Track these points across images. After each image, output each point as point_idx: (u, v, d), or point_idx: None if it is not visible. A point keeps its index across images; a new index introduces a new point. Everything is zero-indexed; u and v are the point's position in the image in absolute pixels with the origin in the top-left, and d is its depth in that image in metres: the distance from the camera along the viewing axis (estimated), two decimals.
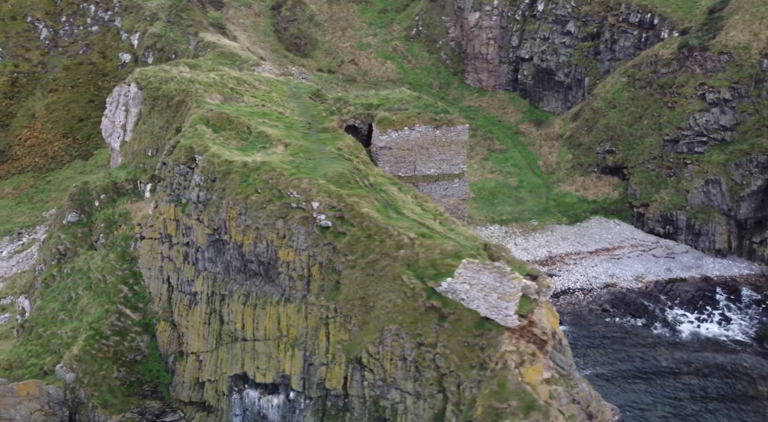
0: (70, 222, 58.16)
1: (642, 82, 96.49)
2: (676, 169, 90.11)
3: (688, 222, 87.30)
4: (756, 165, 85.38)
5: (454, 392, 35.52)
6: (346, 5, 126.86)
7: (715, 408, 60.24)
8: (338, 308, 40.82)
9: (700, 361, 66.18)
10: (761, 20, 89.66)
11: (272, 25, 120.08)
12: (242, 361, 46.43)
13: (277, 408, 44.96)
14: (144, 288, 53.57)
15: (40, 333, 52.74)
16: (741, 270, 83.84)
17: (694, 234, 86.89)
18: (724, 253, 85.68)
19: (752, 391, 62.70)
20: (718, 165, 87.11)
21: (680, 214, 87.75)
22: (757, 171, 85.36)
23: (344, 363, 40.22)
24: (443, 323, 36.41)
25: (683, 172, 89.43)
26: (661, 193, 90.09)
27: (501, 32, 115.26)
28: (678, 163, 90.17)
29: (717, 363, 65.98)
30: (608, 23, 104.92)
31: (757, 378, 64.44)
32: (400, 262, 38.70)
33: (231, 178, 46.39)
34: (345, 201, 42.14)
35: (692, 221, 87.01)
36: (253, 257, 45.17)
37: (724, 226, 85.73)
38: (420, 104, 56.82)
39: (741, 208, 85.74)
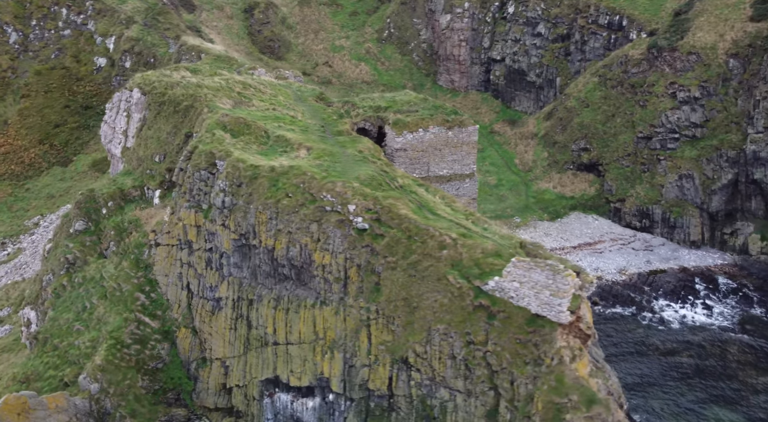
0: (77, 230, 56.48)
1: (613, 82, 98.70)
2: (650, 165, 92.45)
3: (664, 216, 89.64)
4: (726, 160, 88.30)
5: (507, 389, 35.80)
6: (317, 8, 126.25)
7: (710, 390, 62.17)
8: (380, 309, 40.70)
9: (692, 348, 68.21)
10: (725, 22, 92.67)
11: (245, 27, 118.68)
12: (274, 365, 45.87)
13: (313, 411, 44.59)
14: (161, 295, 52.41)
15: (56, 344, 51.11)
16: (715, 260, 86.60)
17: (670, 227, 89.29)
18: (698, 245, 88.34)
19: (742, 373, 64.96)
20: (691, 160, 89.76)
21: (656, 208, 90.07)
22: (727, 165, 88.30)
23: (389, 364, 40.13)
24: (492, 321, 36.66)
25: (657, 168, 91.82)
26: (637, 188, 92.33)
27: (472, 34, 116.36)
28: (651, 159, 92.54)
29: (707, 349, 68.14)
30: (578, 25, 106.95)
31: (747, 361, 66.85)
32: (443, 263, 38.80)
33: (259, 182, 45.75)
34: (381, 203, 42.02)
35: (667, 214, 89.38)
36: (285, 261, 44.67)
37: (698, 219, 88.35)
38: (428, 106, 57.01)
39: (713, 201, 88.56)
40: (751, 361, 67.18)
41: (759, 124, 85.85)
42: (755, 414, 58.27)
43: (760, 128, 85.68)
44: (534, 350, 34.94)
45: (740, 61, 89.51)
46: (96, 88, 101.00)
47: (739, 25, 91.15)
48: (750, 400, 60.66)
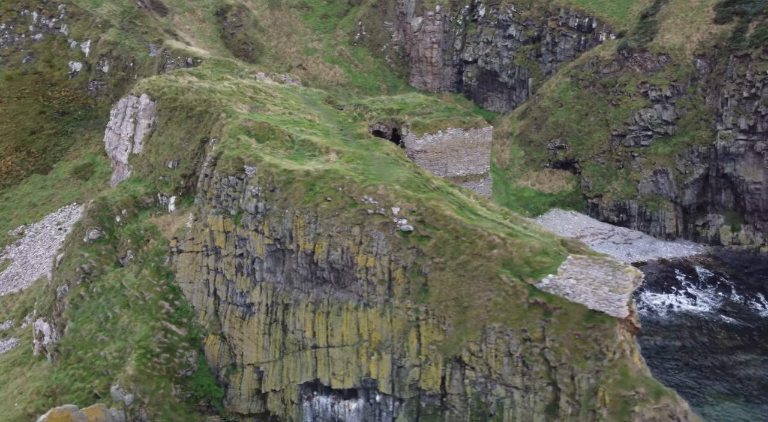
0: (91, 239, 54.61)
1: (585, 82, 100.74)
2: (625, 162, 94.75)
3: (640, 210, 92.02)
4: (697, 155, 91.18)
5: (567, 383, 36.26)
6: (288, 11, 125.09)
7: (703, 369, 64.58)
8: (429, 310, 40.67)
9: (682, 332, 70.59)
10: (691, 24, 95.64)
11: (218, 30, 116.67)
12: (313, 369, 45.35)
13: (357, 413, 44.27)
14: (185, 302, 51.19)
15: (81, 356, 49.37)
16: (689, 251, 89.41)
17: (646, 220, 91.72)
18: (674, 237, 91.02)
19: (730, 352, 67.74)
20: (664, 156, 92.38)
21: (632, 203, 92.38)
22: (698, 161, 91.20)
23: (441, 363, 40.15)
24: (549, 318, 37.06)
25: (632, 164, 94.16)
26: (613, 184, 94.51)
27: (444, 36, 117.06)
28: (626, 156, 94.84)
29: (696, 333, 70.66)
30: (548, 27, 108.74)
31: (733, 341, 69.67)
32: (494, 262, 39.01)
33: (294, 187, 45.13)
34: (425, 205, 41.98)
35: (643, 209, 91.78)
36: (325, 265, 44.18)
37: (672, 212, 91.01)
38: (441, 108, 57.19)
39: (685, 195, 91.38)
40: (737, 341, 70.06)
41: (728, 121, 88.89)
42: (743, 386, 61.29)
43: (729, 125, 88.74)
44: (594, 345, 35.47)
45: (707, 61, 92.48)
46: (72, 94, 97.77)
47: (704, 27, 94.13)
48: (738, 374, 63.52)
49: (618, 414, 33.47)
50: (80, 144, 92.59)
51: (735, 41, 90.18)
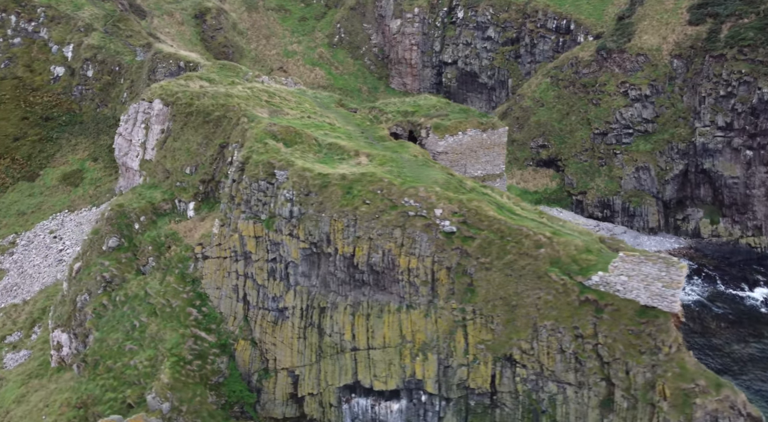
0: (111, 247, 52.99)
1: (565, 82, 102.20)
2: (607, 159, 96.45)
3: (623, 206, 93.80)
4: (677, 152, 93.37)
5: (622, 378, 36.68)
6: (266, 13, 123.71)
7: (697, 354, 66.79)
8: (477, 309, 40.64)
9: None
10: (666, 25, 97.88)
11: (197, 33, 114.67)
12: (353, 371, 44.89)
13: (399, 413, 44.00)
14: (212, 308, 50.10)
15: (109, 365, 47.87)
16: (672, 244, 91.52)
17: (629, 215, 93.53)
18: (656, 231, 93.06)
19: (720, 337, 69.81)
20: (646, 153, 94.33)
21: (616, 199, 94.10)
22: (678, 157, 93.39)
23: (491, 362, 40.18)
24: (600, 315, 37.44)
25: (614, 161, 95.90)
26: (596, 181, 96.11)
27: (423, 38, 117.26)
28: (608, 154, 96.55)
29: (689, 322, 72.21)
30: (527, 29, 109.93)
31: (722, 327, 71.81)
32: (541, 261, 39.21)
33: (331, 190, 44.57)
34: (467, 206, 41.92)
35: (627, 204, 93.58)
36: (365, 267, 43.77)
37: (655, 207, 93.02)
38: (455, 109, 57.22)
39: (666, 190, 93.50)
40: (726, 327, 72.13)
41: (706, 119, 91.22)
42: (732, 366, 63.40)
43: (707, 122, 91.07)
44: (649, 340, 35.95)
45: (683, 61, 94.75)
46: (55, 99, 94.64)
47: (679, 29, 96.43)
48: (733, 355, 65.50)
49: (680, 407, 34.01)
50: (67, 150, 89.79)
51: (710, 42, 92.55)
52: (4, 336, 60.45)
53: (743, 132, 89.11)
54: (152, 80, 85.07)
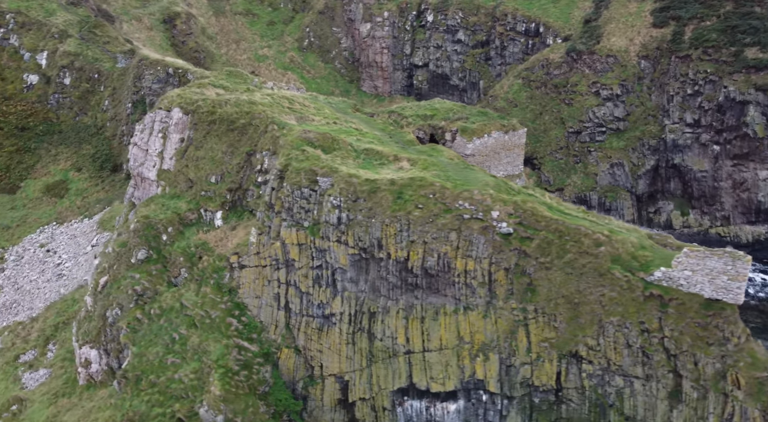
0: (140, 260, 50.79)
1: (537, 83, 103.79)
2: (582, 156, 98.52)
3: (600, 201, 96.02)
4: (648, 148, 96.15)
5: (691, 370, 37.42)
6: (233, 17, 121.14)
7: None
8: (539, 308, 40.76)
9: None
10: (632, 28, 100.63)
11: (167, 38, 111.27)
12: (407, 374, 44.38)
13: (457, 414, 43.74)
14: (252, 318, 48.68)
15: (153, 380, 45.85)
16: None
17: (606, 210, 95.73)
18: (631, 224, 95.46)
19: None
20: (619, 150, 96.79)
21: (592, 194, 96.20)
22: (649, 153, 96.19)
23: (556, 359, 40.38)
24: (666, 309, 38.10)
25: (588, 159, 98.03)
26: (573, 177, 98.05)
27: (393, 41, 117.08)
28: (583, 151, 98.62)
29: None
30: (497, 32, 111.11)
31: None
32: (602, 259, 39.62)
33: (380, 196, 43.88)
34: (522, 207, 41.96)
35: (603, 199, 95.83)
36: (419, 271, 43.31)
37: (629, 201, 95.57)
38: (474, 112, 57.30)
39: (639, 185, 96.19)
40: None
41: (674, 116, 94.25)
42: None
43: (676, 119, 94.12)
44: (717, 331, 36.81)
45: (650, 61, 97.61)
46: (30, 108, 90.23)
47: (644, 31, 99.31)
48: None
49: (756, 395, 34.95)
50: (47, 160, 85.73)
51: (675, 43, 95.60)
52: (17, 356, 57.14)
53: (710, 128, 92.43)
54: (138, 87, 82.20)
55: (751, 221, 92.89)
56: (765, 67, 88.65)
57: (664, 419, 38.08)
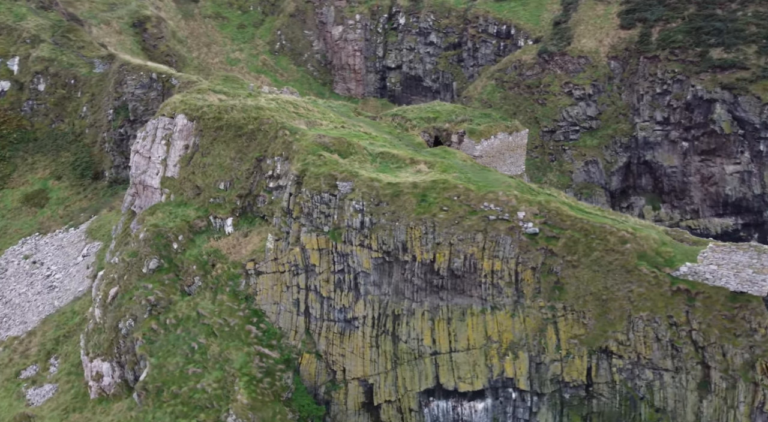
0: (152, 269, 49.32)
1: (510, 84, 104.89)
2: (557, 155, 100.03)
3: (576, 197, 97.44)
4: (620, 146, 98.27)
5: (719, 360, 38.36)
6: (203, 21, 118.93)
7: None
8: (567, 306, 41.18)
9: None
10: (601, 29, 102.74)
11: (138, 42, 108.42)
12: (434, 375, 44.28)
13: (485, 412, 43.86)
14: (270, 324, 47.84)
15: (175, 391, 44.57)
16: None
17: None
18: None
19: None
20: (593, 148, 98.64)
21: (568, 191, 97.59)
22: (621, 150, 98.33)
23: (586, 355, 40.86)
24: (693, 303, 38.97)
25: (563, 157, 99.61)
26: (549, 175, 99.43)
27: (366, 44, 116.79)
28: (557, 150, 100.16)
29: None
30: (469, 34, 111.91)
31: None
32: (628, 255, 40.25)
33: (404, 199, 43.65)
34: (546, 207, 42.31)
35: (579, 196, 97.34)
36: (445, 272, 43.26)
37: (604, 197, 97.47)
38: (476, 114, 57.57)
39: (613, 181, 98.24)
40: None
41: (645, 114, 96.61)
42: None
43: (646, 117, 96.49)
44: (744, 323, 37.82)
45: (620, 62, 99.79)
46: (2, 115, 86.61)
47: (613, 32, 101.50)
48: None
49: None
50: (24, 169, 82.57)
51: (643, 44, 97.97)
52: (17, 371, 54.81)
53: (679, 125, 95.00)
54: (119, 93, 79.94)
55: (719, 214, 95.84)
56: (729, 67, 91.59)
57: (694, 409, 38.96)
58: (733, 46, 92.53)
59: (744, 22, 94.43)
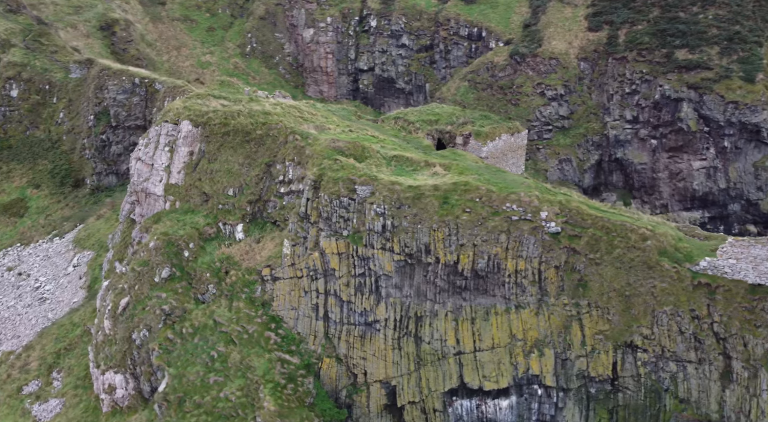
0: (164, 278, 47.97)
1: (483, 85, 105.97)
2: (531, 154, 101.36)
3: None
4: (592, 144, 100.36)
5: (741, 351, 39.45)
6: (171, 23, 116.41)
7: None
8: (591, 303, 41.77)
9: None
10: (569, 32, 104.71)
11: (107, 46, 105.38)
12: (458, 375, 44.35)
13: (509, 410, 44.14)
14: (288, 330, 47.17)
15: (197, 401, 43.45)
16: None
17: None
18: None
19: None
20: (566, 147, 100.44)
21: None
22: (593, 148, 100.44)
23: (611, 350, 41.53)
24: (713, 296, 40.03)
25: (538, 156, 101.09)
26: (524, 174, 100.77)
27: (338, 46, 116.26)
28: (532, 149, 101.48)
29: None
30: (440, 36, 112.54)
31: None
32: (650, 252, 41.04)
33: (426, 202, 43.58)
34: (567, 206, 42.82)
35: None
36: (469, 273, 43.38)
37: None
38: (477, 116, 57.89)
39: (585, 179, 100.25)
40: None
41: (615, 113, 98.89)
42: None
43: (616, 116, 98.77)
44: (764, 314, 39.05)
45: (589, 63, 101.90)
46: None
47: (581, 35, 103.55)
48: None
49: None
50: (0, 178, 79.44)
51: (611, 46, 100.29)
52: (19, 387, 52.56)
53: (648, 124, 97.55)
54: (100, 98, 77.60)
55: (687, 208, 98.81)
56: (695, 67, 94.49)
57: (717, 399, 40.04)
58: (697, 48, 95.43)
59: (705, 25, 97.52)
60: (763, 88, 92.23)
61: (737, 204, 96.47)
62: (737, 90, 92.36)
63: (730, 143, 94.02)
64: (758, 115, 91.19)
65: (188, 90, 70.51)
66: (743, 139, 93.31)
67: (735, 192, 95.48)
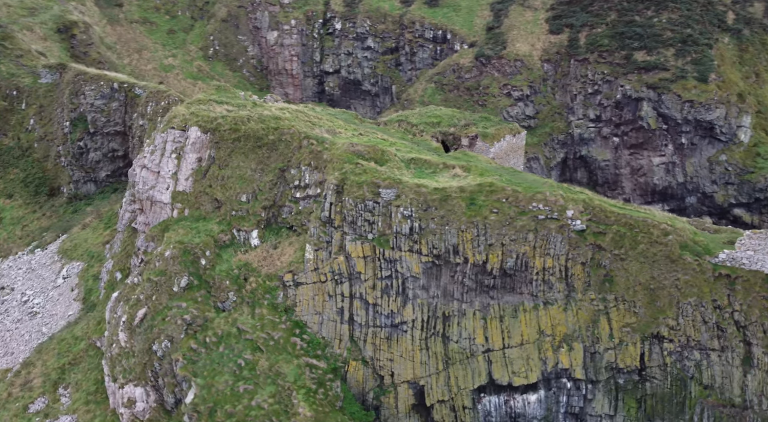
0: (183, 287, 46.42)
1: (449, 87, 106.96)
2: None
3: None
4: (557, 142, 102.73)
5: (761, 337, 41.20)
6: (130, 26, 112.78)
7: None
8: (618, 297, 42.80)
9: None
10: (532, 34, 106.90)
11: (66, 50, 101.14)
12: (487, 372, 44.70)
13: (538, 403, 44.78)
14: (313, 335, 46.51)
15: (229, 411, 42.24)
16: None
17: None
18: None
19: None
20: (534, 145, 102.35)
21: None
22: (559, 147, 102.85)
23: (639, 342, 42.67)
24: (733, 286, 41.69)
25: None
26: None
27: (303, 49, 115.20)
28: None
29: None
30: (406, 39, 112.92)
31: None
32: (672, 246, 42.37)
33: (453, 203, 43.70)
34: (591, 204, 43.74)
35: None
36: (497, 272, 43.78)
37: None
38: (477, 118, 58.42)
39: (552, 176, 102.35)
40: None
41: (579, 113, 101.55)
42: None
43: (580, 116, 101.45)
44: None
45: (552, 65, 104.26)
46: None
47: (543, 37, 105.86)
48: None
49: None
50: None
51: (572, 48, 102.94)
52: (25, 406, 49.85)
53: (610, 122, 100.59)
54: (76, 104, 74.47)
55: (648, 201, 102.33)
56: (653, 68, 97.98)
57: (739, 384, 41.73)
58: (654, 50, 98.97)
59: (660, 28, 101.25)
60: (716, 87, 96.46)
61: (694, 197, 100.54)
62: (692, 89, 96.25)
63: (687, 140, 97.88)
64: (711, 112, 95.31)
65: (172, 95, 68.47)
66: (698, 135, 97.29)
67: (692, 185, 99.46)
